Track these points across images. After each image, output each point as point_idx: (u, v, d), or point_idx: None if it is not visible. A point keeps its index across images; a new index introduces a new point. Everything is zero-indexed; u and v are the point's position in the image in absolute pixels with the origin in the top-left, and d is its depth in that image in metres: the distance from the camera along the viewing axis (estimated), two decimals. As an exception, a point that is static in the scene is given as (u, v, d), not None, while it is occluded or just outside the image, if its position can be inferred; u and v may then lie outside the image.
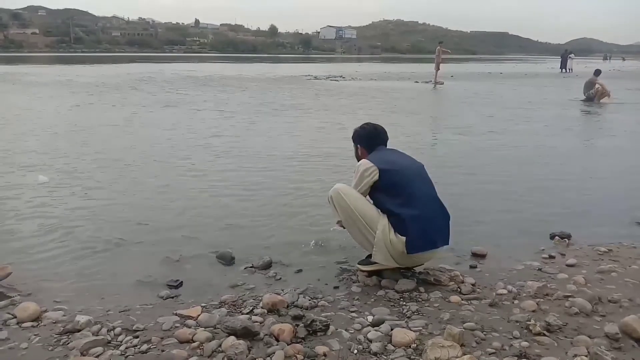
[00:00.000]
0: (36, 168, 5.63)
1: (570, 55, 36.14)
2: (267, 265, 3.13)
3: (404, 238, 2.75)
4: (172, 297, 2.73)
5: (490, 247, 3.48)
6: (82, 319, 2.34)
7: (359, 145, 3.16)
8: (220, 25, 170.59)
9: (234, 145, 7.18)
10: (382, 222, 2.82)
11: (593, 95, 13.99)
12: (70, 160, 6.04)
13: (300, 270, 3.10)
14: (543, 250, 3.46)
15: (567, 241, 3.61)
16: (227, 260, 3.21)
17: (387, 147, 3.13)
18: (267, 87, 18.13)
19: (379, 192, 2.88)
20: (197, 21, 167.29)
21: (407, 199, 2.79)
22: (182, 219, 4.04)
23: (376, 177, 2.84)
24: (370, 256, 2.96)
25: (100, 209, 4.25)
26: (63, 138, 7.57)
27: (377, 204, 2.90)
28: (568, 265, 3.18)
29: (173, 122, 9.38)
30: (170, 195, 4.70)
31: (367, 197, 2.95)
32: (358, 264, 3.04)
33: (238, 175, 5.50)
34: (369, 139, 3.11)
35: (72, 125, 8.83)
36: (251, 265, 3.14)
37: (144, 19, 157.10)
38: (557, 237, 3.66)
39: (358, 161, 3.05)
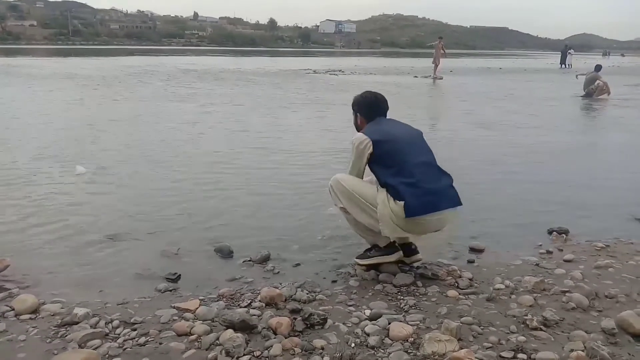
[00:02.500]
0: (56, 160, 5.62)
1: (569, 51, 36.09)
2: (265, 259, 3.13)
3: (402, 202, 2.70)
4: (170, 290, 2.73)
5: (489, 242, 3.49)
6: (80, 311, 2.35)
7: (358, 114, 3.10)
8: (219, 18, 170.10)
9: (261, 140, 7.09)
10: (380, 196, 2.78)
11: (593, 91, 13.97)
12: (84, 154, 5.97)
13: (298, 264, 3.10)
14: (541, 245, 3.46)
15: (564, 237, 3.62)
16: (225, 253, 3.21)
17: (387, 117, 3.05)
18: (276, 81, 18.04)
19: (375, 164, 2.84)
20: (195, 14, 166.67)
21: (400, 167, 2.75)
22: (183, 212, 4.03)
23: (370, 149, 2.80)
24: (368, 250, 2.96)
25: (101, 202, 4.25)
26: (78, 132, 7.42)
27: (376, 176, 2.86)
28: (565, 261, 3.18)
29: (193, 117, 9.18)
30: (177, 188, 4.68)
31: (368, 170, 2.90)
32: (356, 258, 3.05)
33: (249, 170, 5.45)
34: (369, 107, 3.05)
35: (86, 119, 8.65)
36: (249, 258, 3.14)
37: (143, 11, 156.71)
38: (554, 233, 3.66)
39: (357, 130, 3.00)
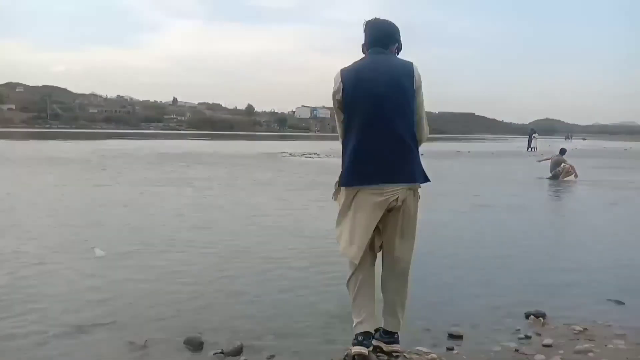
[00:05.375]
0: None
1: (534, 135, 37.87)
2: (238, 351, 2.99)
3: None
4: (135, 388, 2.56)
5: (467, 327, 3.42)
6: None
7: (365, 35, 2.84)
8: (198, 103, 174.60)
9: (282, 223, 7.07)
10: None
11: (559, 173, 14.53)
12: (65, 236, 5.85)
13: (272, 356, 2.97)
14: (519, 330, 3.41)
15: (542, 320, 3.59)
16: (195, 345, 3.06)
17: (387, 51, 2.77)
18: (266, 164, 18.39)
19: (345, 113, 2.68)
20: (175, 99, 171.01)
21: (354, 125, 2.62)
22: (154, 298, 3.87)
23: (339, 95, 2.64)
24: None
25: (71, 288, 4.07)
26: (67, 219, 7.22)
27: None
28: (545, 346, 3.13)
29: (191, 200, 9.09)
30: (153, 273, 4.53)
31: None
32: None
33: (227, 254, 5.33)
34: (369, 30, 2.78)
35: (78, 204, 8.47)
36: (221, 350, 2.99)
37: (122, 96, 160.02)
38: (532, 316, 3.63)
39: (363, 52, 2.82)
